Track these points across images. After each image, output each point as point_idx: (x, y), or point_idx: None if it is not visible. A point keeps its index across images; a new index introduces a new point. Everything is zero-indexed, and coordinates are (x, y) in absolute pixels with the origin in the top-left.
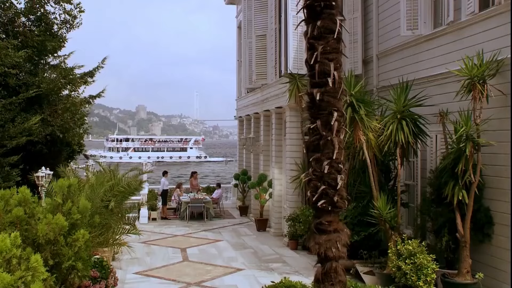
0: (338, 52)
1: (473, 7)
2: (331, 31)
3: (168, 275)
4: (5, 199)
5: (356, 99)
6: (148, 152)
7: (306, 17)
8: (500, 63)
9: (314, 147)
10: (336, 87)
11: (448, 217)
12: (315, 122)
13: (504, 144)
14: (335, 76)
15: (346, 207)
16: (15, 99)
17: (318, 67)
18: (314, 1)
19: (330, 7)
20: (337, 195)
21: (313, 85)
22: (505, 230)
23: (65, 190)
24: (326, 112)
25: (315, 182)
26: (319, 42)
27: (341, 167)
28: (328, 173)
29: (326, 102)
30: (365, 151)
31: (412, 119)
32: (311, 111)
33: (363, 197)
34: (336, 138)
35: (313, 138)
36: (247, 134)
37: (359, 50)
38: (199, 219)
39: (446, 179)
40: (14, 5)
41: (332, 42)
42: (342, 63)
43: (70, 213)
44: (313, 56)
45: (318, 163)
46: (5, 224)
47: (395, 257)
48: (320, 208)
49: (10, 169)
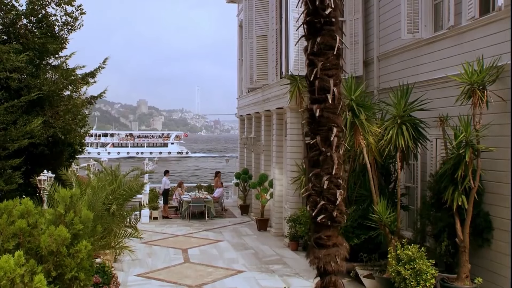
0: (337, 68)
1: (473, 12)
2: (331, 47)
3: (169, 277)
4: (8, 209)
5: (357, 104)
6: (127, 148)
7: (306, 33)
8: (500, 69)
9: (314, 162)
10: (335, 103)
11: (447, 221)
12: (314, 137)
13: (504, 150)
14: (334, 92)
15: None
16: (17, 102)
17: (318, 83)
18: (314, 18)
19: (330, 23)
20: (336, 210)
21: (312, 101)
22: (504, 236)
23: (68, 200)
24: (326, 128)
25: (315, 197)
26: (318, 58)
27: (340, 182)
28: (328, 188)
29: (325, 118)
30: (365, 156)
31: (412, 124)
32: (311, 126)
33: (363, 200)
34: (336, 154)
35: (312, 153)
36: (248, 133)
37: (360, 52)
38: (200, 218)
39: (446, 184)
40: (15, 7)
41: (332, 58)
42: (341, 79)
43: (72, 223)
44: (313, 72)
45: (317, 178)
46: (8, 236)
47: (395, 262)
48: (319, 223)
49: (12, 172)
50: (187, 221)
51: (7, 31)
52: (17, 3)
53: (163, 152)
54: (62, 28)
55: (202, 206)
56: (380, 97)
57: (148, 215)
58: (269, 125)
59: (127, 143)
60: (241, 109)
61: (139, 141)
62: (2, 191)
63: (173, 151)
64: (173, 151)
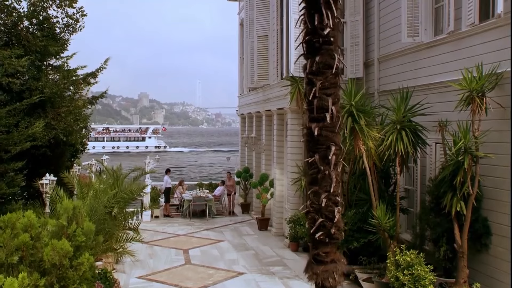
0: (336, 87)
1: (473, 18)
2: (330, 67)
3: (170, 279)
4: (11, 222)
5: (357, 109)
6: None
7: (305, 52)
8: (499, 76)
9: (312, 180)
10: (334, 122)
11: (446, 227)
12: (313, 156)
13: (503, 157)
14: (333, 111)
15: (346, 213)
16: (19, 105)
17: (317, 102)
18: (313, 37)
19: (329, 43)
20: (334, 227)
21: (311, 120)
22: (503, 241)
23: (70, 212)
24: (324, 146)
25: (313, 215)
26: (317, 77)
27: (339, 200)
28: (326, 206)
29: (324, 137)
30: (365, 161)
31: (411, 129)
32: (310, 144)
33: (363, 204)
34: (334, 172)
35: (311, 171)
36: (249, 132)
37: (360, 53)
38: (201, 217)
39: (445, 189)
40: (17, 9)
41: (331, 77)
42: (340, 97)
43: (75, 235)
44: (312, 91)
45: (316, 196)
46: (12, 249)
47: (394, 267)
48: (318, 239)
49: (15, 175)
50: (188, 219)
51: (8, 33)
52: (18, 5)
53: (140, 147)
54: (63, 29)
55: (203, 204)
56: (380, 99)
57: (149, 214)
58: (270, 124)
59: (103, 137)
60: (242, 108)
61: (116, 135)
62: (5, 195)
63: (151, 145)
64: (151, 145)
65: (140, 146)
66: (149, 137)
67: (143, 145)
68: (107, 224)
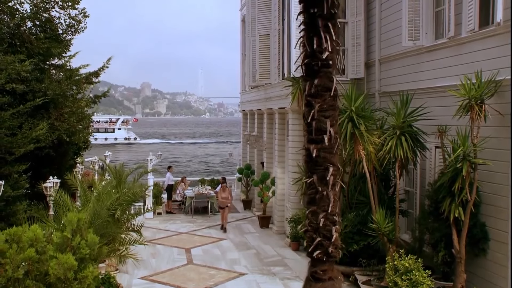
0: (334, 109)
1: (473, 24)
2: (328, 89)
3: (173, 280)
4: (17, 235)
5: (357, 114)
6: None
7: (304, 74)
8: (499, 83)
9: (311, 200)
10: (332, 143)
11: (444, 232)
12: (311, 176)
13: (501, 163)
14: (331, 133)
15: (346, 216)
16: (22, 107)
17: (315, 124)
18: (312, 60)
19: (327, 66)
20: (331, 246)
21: (309, 141)
22: (501, 247)
23: (74, 225)
24: (322, 167)
25: (311, 233)
26: (316, 100)
27: (336, 219)
28: (324, 225)
29: (322, 158)
30: (364, 166)
31: (411, 134)
32: (308, 165)
33: (363, 207)
34: (332, 192)
35: (309, 191)
36: (250, 129)
37: (361, 53)
38: (203, 214)
39: (444, 195)
40: (19, 10)
41: (329, 99)
42: (338, 119)
43: (79, 247)
44: (310, 113)
45: (314, 216)
46: (18, 263)
47: (392, 272)
48: (316, 258)
49: (19, 177)
50: (191, 216)
51: (12, 35)
52: (21, 7)
53: (109, 138)
54: (66, 30)
55: (206, 202)
56: (381, 100)
57: (152, 211)
58: (271, 123)
59: None
60: (244, 104)
61: None
62: (10, 197)
63: (120, 137)
64: (120, 137)
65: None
66: (119, 128)
67: (112, 136)
68: (110, 227)
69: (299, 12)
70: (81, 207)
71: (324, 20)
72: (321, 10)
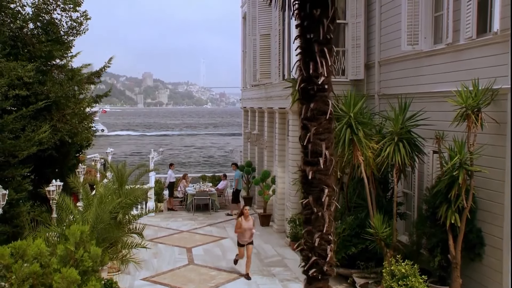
0: (330, 131)
1: (471, 32)
2: (324, 113)
3: (174, 281)
4: (22, 249)
5: (356, 120)
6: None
7: (300, 98)
8: (495, 92)
9: (306, 220)
10: (327, 165)
11: (441, 237)
12: (307, 197)
13: (497, 171)
14: (326, 156)
15: (345, 219)
16: (25, 111)
17: (311, 147)
18: (308, 85)
19: (323, 90)
20: (326, 264)
21: (305, 163)
22: (496, 253)
23: (77, 238)
24: (318, 189)
25: (307, 252)
26: (312, 123)
27: (331, 238)
28: (319, 245)
29: (318, 180)
30: (363, 171)
31: (410, 140)
32: (304, 186)
33: (361, 210)
34: (327, 212)
35: (305, 212)
36: (251, 126)
37: (361, 55)
38: (205, 211)
39: (441, 200)
40: (21, 13)
41: (325, 122)
42: (333, 141)
43: (82, 260)
44: (306, 136)
45: (309, 235)
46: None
47: (389, 277)
48: (311, 276)
49: (22, 180)
50: (192, 214)
51: (14, 38)
52: (23, 10)
53: None
54: (67, 32)
55: (207, 199)
56: (380, 102)
57: (153, 204)
58: (272, 121)
59: None
60: (245, 101)
61: None
62: (13, 200)
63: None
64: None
65: None
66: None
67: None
68: (113, 231)
69: (296, 36)
70: (84, 210)
71: (320, 45)
72: (317, 36)
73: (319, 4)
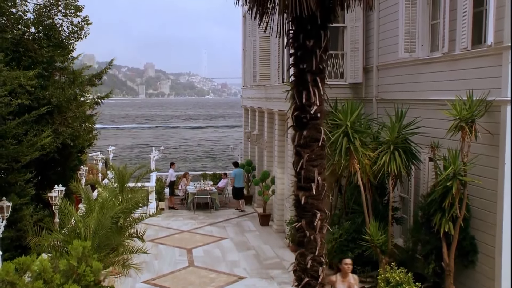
0: (322, 157)
1: (466, 43)
2: (316, 140)
3: (174, 284)
4: (26, 265)
5: (352, 129)
6: None
7: (293, 125)
8: (489, 104)
9: (299, 242)
10: (320, 190)
11: (435, 244)
12: (300, 221)
13: (490, 181)
14: (319, 181)
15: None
16: (27, 116)
17: (304, 173)
18: (301, 113)
19: (315, 118)
20: (318, 285)
21: (298, 188)
22: (489, 260)
23: (80, 253)
24: (310, 213)
25: (300, 274)
26: (304, 150)
27: (323, 260)
28: (311, 266)
29: (310, 205)
30: (359, 179)
31: (405, 149)
32: (297, 210)
33: (358, 216)
34: (319, 235)
35: (298, 235)
36: (251, 125)
37: (360, 59)
38: (205, 209)
39: (435, 208)
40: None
41: (317, 149)
42: (325, 167)
43: (84, 275)
44: (299, 163)
45: (302, 257)
46: None
47: (384, 284)
48: None
49: (25, 184)
50: (192, 212)
51: (16, 44)
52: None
53: None
54: (68, 36)
55: (207, 198)
56: (378, 106)
57: (154, 208)
58: (272, 122)
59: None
60: (246, 100)
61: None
62: (16, 205)
63: None
64: None
65: None
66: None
67: None
68: (114, 237)
69: (290, 65)
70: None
71: (313, 75)
72: (310, 66)
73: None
